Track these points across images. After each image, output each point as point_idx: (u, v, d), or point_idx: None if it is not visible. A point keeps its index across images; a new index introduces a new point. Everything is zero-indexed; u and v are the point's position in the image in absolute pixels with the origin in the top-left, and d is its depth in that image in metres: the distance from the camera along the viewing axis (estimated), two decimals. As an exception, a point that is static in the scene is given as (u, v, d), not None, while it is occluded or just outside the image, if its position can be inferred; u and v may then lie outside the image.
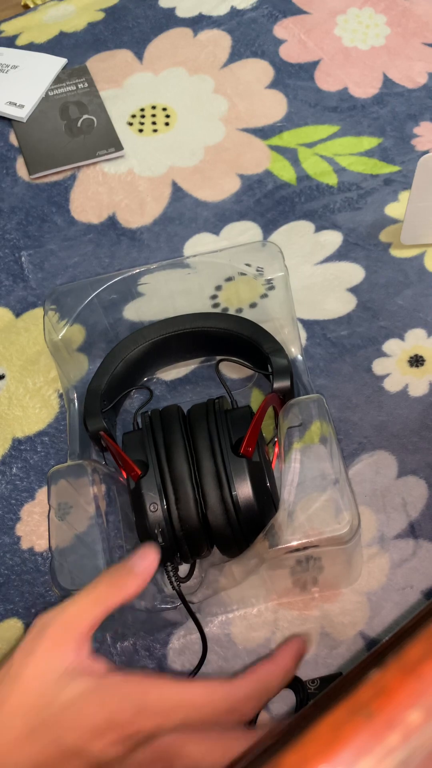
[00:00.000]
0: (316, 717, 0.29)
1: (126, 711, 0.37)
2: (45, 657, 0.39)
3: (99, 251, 0.77)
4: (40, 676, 0.38)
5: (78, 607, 0.41)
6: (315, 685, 0.54)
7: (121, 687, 0.38)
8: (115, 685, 0.39)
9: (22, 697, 0.38)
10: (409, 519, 0.60)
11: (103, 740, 0.37)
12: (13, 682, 0.38)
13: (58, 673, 0.38)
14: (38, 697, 0.38)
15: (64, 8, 0.99)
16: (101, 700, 0.38)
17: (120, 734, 0.37)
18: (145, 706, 0.38)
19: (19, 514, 0.64)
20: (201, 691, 0.39)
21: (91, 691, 0.38)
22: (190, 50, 0.92)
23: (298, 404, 0.55)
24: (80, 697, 0.38)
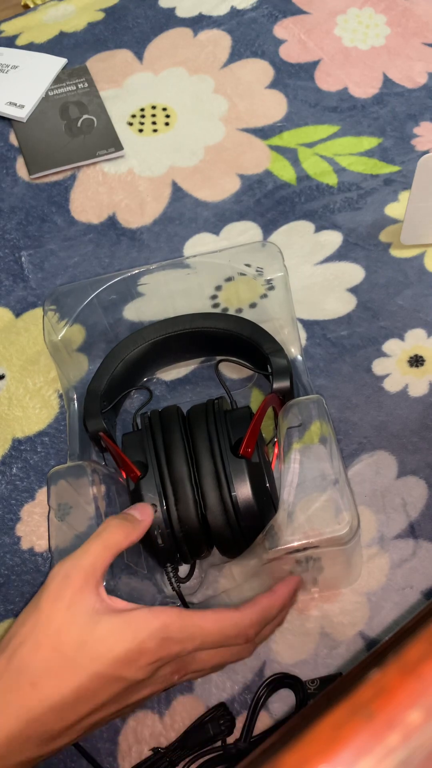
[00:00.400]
0: (316, 717, 0.29)
1: (153, 640, 0.43)
2: (73, 600, 0.43)
3: (99, 251, 0.77)
4: (72, 617, 0.43)
5: (93, 554, 0.45)
6: (315, 685, 0.54)
7: (147, 621, 0.43)
8: (141, 619, 0.43)
9: (57, 637, 0.42)
10: (408, 519, 0.60)
11: (135, 665, 0.43)
12: (46, 626, 0.43)
13: (87, 613, 0.43)
14: (73, 636, 0.42)
15: (64, 8, 0.99)
16: (132, 633, 0.43)
17: (149, 659, 0.43)
18: (169, 635, 0.44)
19: (19, 515, 0.64)
20: (214, 620, 0.46)
21: (121, 625, 0.43)
22: (190, 50, 0.92)
23: (297, 404, 0.55)
24: (111, 633, 0.43)
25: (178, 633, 0.44)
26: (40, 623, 0.43)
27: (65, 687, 0.42)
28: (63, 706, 0.42)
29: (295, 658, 0.56)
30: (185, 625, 0.44)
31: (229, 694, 0.55)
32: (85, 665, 0.42)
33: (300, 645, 0.56)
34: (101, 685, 0.42)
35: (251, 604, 0.49)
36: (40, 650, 0.42)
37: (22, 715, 0.41)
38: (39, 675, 0.42)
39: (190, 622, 0.45)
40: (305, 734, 0.29)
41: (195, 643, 0.45)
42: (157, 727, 0.54)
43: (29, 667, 0.42)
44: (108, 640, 0.42)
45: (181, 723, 0.54)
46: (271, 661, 0.55)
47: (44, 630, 0.43)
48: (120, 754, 0.54)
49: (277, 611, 0.50)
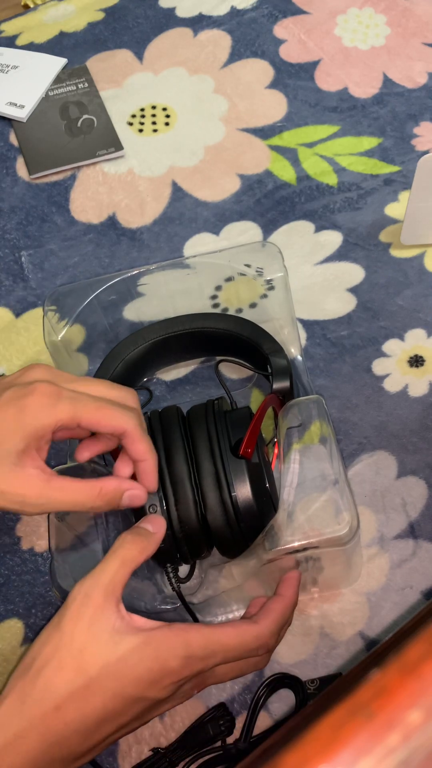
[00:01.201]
0: (316, 717, 0.29)
1: (176, 659, 0.43)
2: (94, 620, 0.43)
3: (99, 251, 0.78)
4: (94, 637, 0.43)
5: (110, 571, 0.44)
6: (315, 685, 0.54)
7: (169, 640, 0.43)
8: (163, 639, 0.43)
9: (80, 658, 0.42)
10: (408, 519, 0.60)
11: (158, 685, 0.43)
12: (69, 646, 0.43)
13: (109, 632, 0.43)
14: (96, 656, 0.42)
15: (64, 8, 0.99)
16: (154, 652, 0.43)
17: (172, 679, 0.43)
18: (191, 653, 0.44)
19: (20, 515, 0.64)
20: (235, 635, 0.46)
21: (143, 645, 0.43)
22: (190, 50, 0.92)
23: (297, 405, 0.55)
24: (133, 652, 0.42)
25: (200, 651, 0.44)
26: (62, 644, 0.43)
27: (89, 709, 0.42)
28: (87, 728, 0.42)
29: (295, 658, 0.56)
30: (207, 643, 0.44)
31: (229, 694, 0.55)
32: (108, 686, 0.42)
33: (300, 645, 0.56)
34: (125, 706, 0.42)
35: (266, 614, 0.49)
36: (64, 672, 0.42)
37: (48, 739, 0.41)
38: (63, 698, 0.42)
39: (212, 639, 0.45)
40: (305, 734, 0.29)
41: (217, 660, 0.45)
42: (157, 727, 0.54)
43: (53, 689, 0.42)
44: (130, 660, 0.42)
45: (181, 723, 0.54)
46: (271, 661, 0.55)
47: (67, 651, 0.42)
48: (120, 754, 0.54)
49: (290, 614, 0.51)
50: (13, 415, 0.45)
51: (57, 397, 0.46)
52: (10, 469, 0.45)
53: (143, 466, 0.49)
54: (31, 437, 0.45)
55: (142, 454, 0.49)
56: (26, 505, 0.46)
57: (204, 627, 0.45)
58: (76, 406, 0.46)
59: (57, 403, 0.46)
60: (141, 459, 0.49)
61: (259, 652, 0.48)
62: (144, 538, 0.47)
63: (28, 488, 0.45)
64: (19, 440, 0.45)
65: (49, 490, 0.46)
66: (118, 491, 0.48)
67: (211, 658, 0.45)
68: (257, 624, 0.48)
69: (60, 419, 0.45)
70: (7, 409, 0.45)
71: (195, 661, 0.44)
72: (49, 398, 0.46)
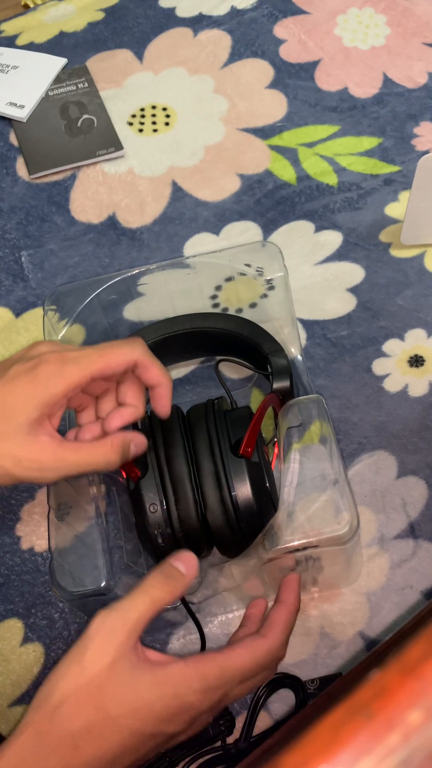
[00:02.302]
0: (316, 717, 0.29)
1: (195, 695, 0.43)
2: (116, 657, 0.43)
3: (99, 251, 0.77)
4: (114, 675, 0.42)
5: (139, 611, 0.44)
6: (315, 685, 0.54)
7: (186, 675, 0.43)
8: (180, 675, 0.43)
9: (99, 696, 0.42)
10: (408, 519, 0.60)
11: (177, 720, 0.43)
12: (88, 683, 0.42)
13: (128, 670, 0.43)
14: (115, 694, 0.42)
15: (64, 8, 0.99)
16: (173, 689, 0.43)
17: (191, 714, 0.43)
18: (209, 685, 0.44)
19: (19, 515, 0.64)
20: (249, 656, 0.46)
21: (161, 683, 0.43)
22: (190, 50, 0.92)
23: (297, 404, 0.55)
24: (151, 690, 0.42)
25: (217, 681, 0.44)
26: (82, 680, 0.42)
27: (107, 747, 0.41)
28: (103, 765, 0.42)
29: (295, 658, 0.56)
30: (223, 671, 0.44)
31: (229, 694, 0.55)
32: (126, 724, 0.42)
33: (300, 645, 0.56)
34: (142, 741, 0.42)
35: (273, 625, 0.49)
36: (82, 710, 0.42)
37: None
38: (81, 736, 0.41)
39: (226, 666, 0.45)
40: (305, 734, 0.29)
41: (234, 683, 0.45)
42: (157, 727, 0.54)
43: (71, 727, 0.41)
44: (148, 698, 0.42)
45: (180, 723, 0.54)
46: (271, 661, 0.55)
47: (87, 688, 0.42)
48: (120, 754, 0.54)
49: (295, 620, 0.51)
50: (24, 387, 0.46)
51: (63, 362, 0.47)
52: (24, 439, 0.46)
53: (159, 391, 0.50)
54: (43, 406, 0.46)
55: (158, 377, 0.50)
56: (44, 470, 0.46)
57: (217, 655, 0.45)
58: (81, 363, 0.47)
59: (64, 367, 0.47)
60: (157, 383, 0.50)
61: (273, 665, 0.48)
62: (175, 580, 0.46)
63: (44, 453, 0.46)
64: (32, 410, 0.46)
65: (65, 452, 0.47)
66: (126, 442, 0.49)
67: (229, 684, 0.45)
68: (266, 638, 0.47)
69: (70, 382, 0.46)
70: (18, 382, 0.47)
71: (212, 692, 0.44)
72: (56, 365, 0.47)
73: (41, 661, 0.58)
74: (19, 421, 0.45)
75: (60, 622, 0.59)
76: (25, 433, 0.46)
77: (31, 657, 0.58)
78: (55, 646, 0.58)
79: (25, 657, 0.58)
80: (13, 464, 0.46)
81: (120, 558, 0.53)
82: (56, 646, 0.58)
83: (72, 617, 0.59)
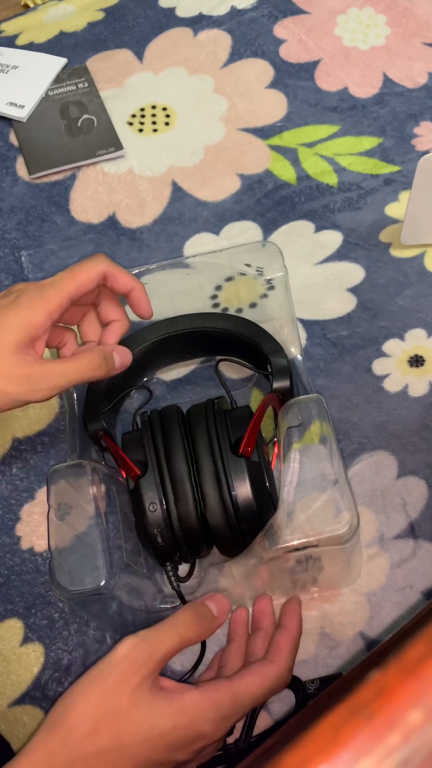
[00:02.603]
0: (316, 717, 0.29)
1: (209, 724, 0.44)
2: (137, 687, 0.43)
3: (99, 251, 0.77)
4: (133, 704, 0.43)
5: (167, 645, 0.45)
6: (315, 685, 0.54)
7: (200, 705, 0.44)
8: (194, 705, 0.44)
9: (116, 724, 0.42)
10: (408, 519, 0.60)
11: (189, 749, 0.44)
12: (107, 710, 0.42)
13: (147, 700, 0.43)
14: (132, 723, 0.42)
15: (64, 8, 0.99)
16: (188, 720, 0.43)
17: (204, 743, 0.44)
18: (223, 714, 0.44)
19: (19, 515, 0.64)
20: (260, 683, 0.47)
21: (177, 713, 0.43)
22: (190, 50, 0.92)
23: (297, 404, 0.55)
24: (167, 720, 0.43)
25: (230, 709, 0.45)
26: (101, 706, 0.43)
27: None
28: None
29: (295, 658, 0.56)
30: (236, 698, 0.45)
31: (229, 694, 0.55)
32: (140, 753, 0.42)
33: (300, 645, 0.56)
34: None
35: (279, 651, 0.50)
36: (98, 736, 0.42)
37: None
38: (94, 762, 0.42)
39: (239, 693, 0.46)
40: (305, 734, 0.29)
41: (246, 710, 0.46)
42: (157, 727, 0.54)
43: (84, 752, 0.42)
44: (164, 727, 0.43)
45: (180, 723, 0.54)
46: (271, 661, 0.55)
47: (104, 714, 0.42)
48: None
49: (298, 644, 0.52)
50: (8, 314, 0.49)
51: (41, 288, 0.51)
52: (12, 357, 0.49)
53: (134, 295, 0.54)
54: (29, 327, 0.49)
55: (128, 283, 0.53)
56: (34, 383, 0.49)
57: (230, 684, 0.46)
58: (57, 285, 0.51)
59: (42, 291, 0.50)
60: (130, 288, 0.54)
61: (280, 690, 0.49)
62: (206, 621, 0.47)
63: (32, 367, 0.49)
64: (18, 333, 0.49)
65: (51, 364, 0.50)
66: (108, 350, 0.52)
67: (241, 711, 0.46)
68: (275, 663, 0.49)
69: (51, 303, 0.50)
70: (2, 312, 0.50)
71: (226, 720, 0.45)
72: (36, 291, 0.50)
73: (41, 661, 0.58)
74: (7, 344, 0.48)
75: (60, 622, 0.59)
76: (12, 353, 0.48)
77: (31, 657, 0.58)
78: (55, 646, 0.58)
79: (25, 657, 0.58)
80: (4, 382, 0.48)
81: (120, 558, 0.53)
82: (56, 646, 0.58)
83: (72, 617, 0.59)
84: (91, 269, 0.52)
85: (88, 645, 0.58)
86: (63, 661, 0.58)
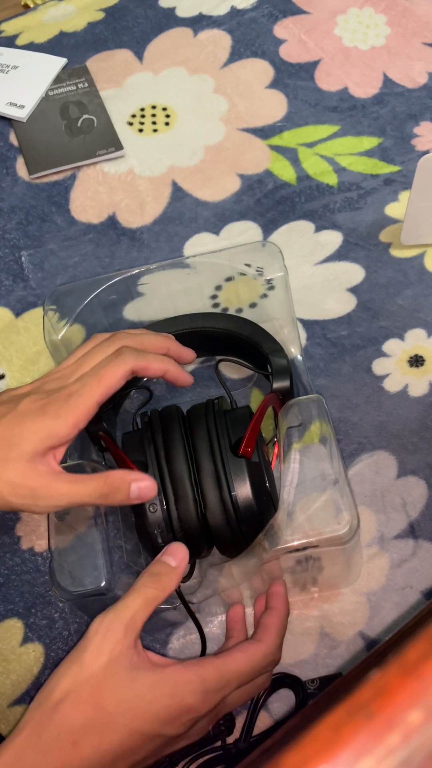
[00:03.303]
0: (316, 717, 0.29)
1: (194, 696, 0.44)
2: (113, 655, 0.44)
3: (99, 251, 0.77)
4: (112, 674, 0.43)
5: (133, 609, 0.45)
6: (315, 685, 0.54)
7: (185, 676, 0.44)
8: (178, 676, 0.44)
9: (98, 694, 0.43)
10: (408, 519, 0.60)
11: (176, 723, 0.43)
12: (87, 682, 0.43)
13: (126, 668, 0.43)
14: (114, 692, 0.43)
15: (64, 8, 0.99)
16: (171, 689, 0.43)
17: (190, 716, 0.44)
18: (208, 688, 0.44)
19: (19, 515, 0.64)
20: (246, 660, 0.47)
21: (159, 682, 0.43)
22: (190, 50, 0.92)
23: (297, 404, 0.55)
24: (150, 689, 0.43)
25: (216, 683, 0.45)
26: (81, 678, 0.43)
27: (105, 746, 0.42)
28: (103, 765, 0.42)
29: (295, 658, 0.56)
30: (222, 673, 0.45)
31: (229, 694, 0.55)
32: (125, 723, 0.42)
33: (300, 645, 0.56)
34: (141, 743, 0.43)
35: (266, 630, 0.50)
36: (81, 707, 0.42)
37: None
38: (80, 734, 0.42)
39: (225, 669, 0.46)
40: (305, 734, 0.29)
41: (232, 687, 0.46)
42: (157, 727, 0.54)
43: (70, 725, 0.42)
44: (147, 697, 0.43)
45: (180, 723, 0.54)
46: (271, 661, 0.55)
47: (85, 686, 0.43)
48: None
49: (286, 624, 0.52)
50: (31, 423, 0.48)
51: (68, 396, 0.49)
52: (24, 465, 0.47)
53: (169, 376, 0.54)
54: (49, 437, 0.48)
55: (159, 369, 0.53)
56: (36, 498, 0.47)
57: (216, 659, 0.46)
58: (84, 394, 0.49)
59: (69, 400, 0.49)
60: (162, 373, 0.53)
61: (269, 669, 0.49)
62: (164, 575, 0.47)
63: (39, 481, 0.47)
64: (37, 441, 0.47)
65: (59, 483, 0.48)
66: (124, 481, 0.48)
67: (227, 687, 0.46)
68: (262, 642, 0.49)
69: (77, 414, 0.48)
70: (27, 415, 0.48)
71: (212, 695, 0.45)
72: (62, 400, 0.49)
73: (41, 661, 0.58)
74: (23, 450, 0.47)
75: (60, 622, 0.59)
76: (25, 461, 0.47)
77: (31, 657, 0.58)
78: (55, 646, 0.58)
79: (25, 657, 0.58)
80: (8, 491, 0.47)
81: (120, 558, 0.53)
82: (56, 646, 0.58)
83: (72, 617, 0.59)
84: (117, 371, 0.50)
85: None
86: (63, 661, 0.58)
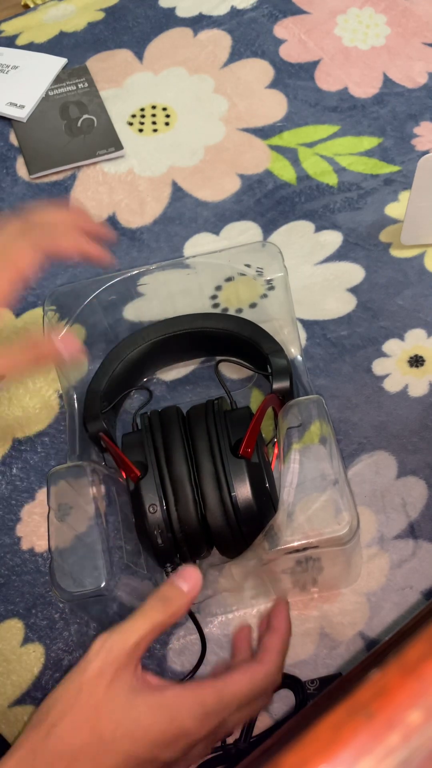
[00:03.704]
0: (316, 717, 0.29)
1: (192, 720, 0.43)
2: (114, 679, 0.43)
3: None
4: (111, 697, 0.42)
5: (138, 633, 0.44)
6: (314, 685, 0.54)
7: (184, 699, 0.43)
8: (177, 699, 0.43)
9: (96, 718, 0.42)
10: (408, 519, 0.60)
11: (172, 747, 0.43)
12: (85, 704, 0.42)
13: (125, 692, 0.43)
14: (111, 717, 0.42)
15: (64, 8, 0.99)
16: (169, 713, 0.42)
17: (187, 741, 0.43)
18: (207, 711, 0.43)
19: (20, 515, 0.64)
20: (246, 682, 0.46)
21: (158, 707, 0.42)
22: (190, 50, 0.92)
23: (297, 405, 0.55)
24: (148, 714, 0.42)
25: (215, 706, 0.44)
26: (80, 700, 0.42)
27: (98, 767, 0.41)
28: None
29: (295, 658, 0.56)
30: (221, 696, 0.44)
31: (229, 694, 0.55)
32: (121, 748, 0.42)
33: (300, 645, 0.56)
34: (136, 767, 0.42)
35: (268, 651, 0.49)
36: (77, 731, 0.42)
37: None
38: (75, 758, 0.41)
39: (225, 691, 0.45)
40: (305, 734, 0.29)
41: (232, 709, 0.45)
42: (157, 727, 0.54)
43: (65, 747, 0.41)
44: (145, 722, 0.42)
45: (181, 723, 0.54)
46: (271, 661, 0.55)
47: (83, 708, 0.42)
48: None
49: (288, 644, 0.51)
50: None
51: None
52: None
53: None
54: None
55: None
56: None
57: (215, 681, 0.45)
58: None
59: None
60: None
61: (269, 690, 0.48)
62: (172, 601, 0.46)
63: None
64: None
65: None
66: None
67: (226, 709, 0.45)
68: (263, 663, 0.48)
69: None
70: None
71: (210, 718, 0.44)
72: None
73: (41, 662, 0.58)
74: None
75: (60, 623, 0.59)
76: None
77: (32, 657, 0.58)
78: (56, 647, 0.58)
79: (26, 657, 0.58)
80: None
81: (120, 558, 0.53)
82: (56, 646, 0.58)
83: (72, 618, 0.59)
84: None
85: (88, 646, 0.57)
86: (63, 662, 0.58)
